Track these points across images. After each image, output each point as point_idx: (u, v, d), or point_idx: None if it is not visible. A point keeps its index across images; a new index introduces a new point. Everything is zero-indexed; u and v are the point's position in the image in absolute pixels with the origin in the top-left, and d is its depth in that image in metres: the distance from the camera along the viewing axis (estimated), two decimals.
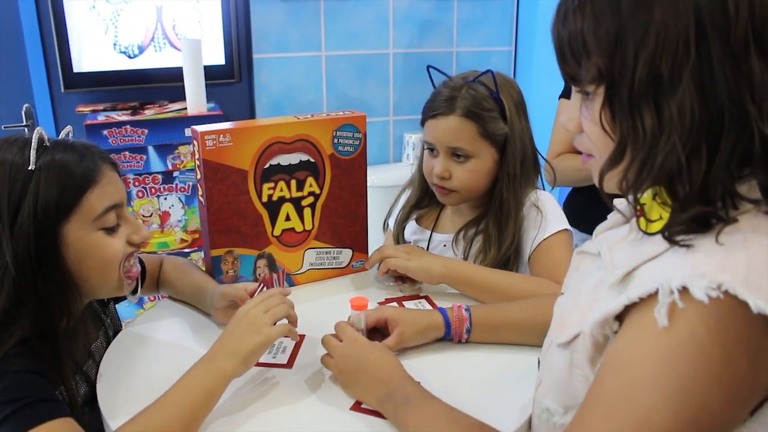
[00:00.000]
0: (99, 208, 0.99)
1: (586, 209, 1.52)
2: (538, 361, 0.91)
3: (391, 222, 1.57)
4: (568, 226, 1.34)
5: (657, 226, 0.68)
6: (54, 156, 0.97)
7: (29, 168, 0.94)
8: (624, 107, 0.66)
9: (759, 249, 0.61)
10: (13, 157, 0.95)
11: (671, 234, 0.65)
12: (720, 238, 0.62)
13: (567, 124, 0.76)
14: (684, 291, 0.60)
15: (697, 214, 0.64)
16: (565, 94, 1.93)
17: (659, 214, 0.69)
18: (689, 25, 0.62)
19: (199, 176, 1.25)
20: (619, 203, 0.90)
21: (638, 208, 0.70)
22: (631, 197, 0.69)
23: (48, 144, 0.98)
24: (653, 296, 0.63)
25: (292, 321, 1.05)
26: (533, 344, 1.11)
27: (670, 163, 0.63)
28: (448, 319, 1.12)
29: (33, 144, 0.95)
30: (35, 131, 0.97)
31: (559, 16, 0.70)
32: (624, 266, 0.69)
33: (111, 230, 1.02)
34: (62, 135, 1.05)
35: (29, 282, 0.93)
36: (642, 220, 0.71)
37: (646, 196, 0.70)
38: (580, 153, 2.00)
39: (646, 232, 0.70)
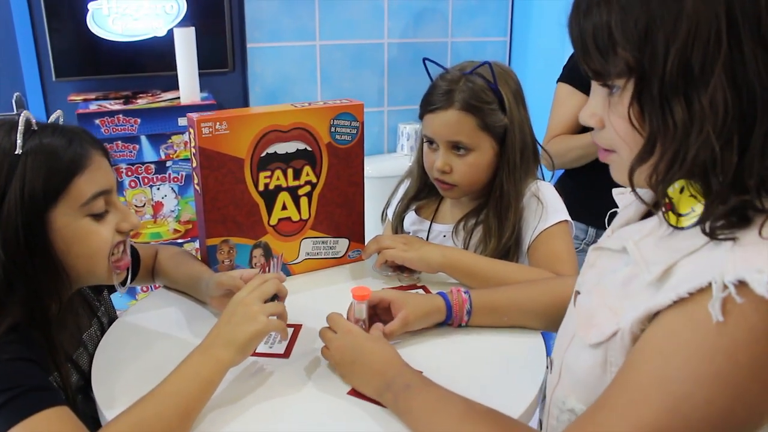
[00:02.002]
0: (87, 193, 0.97)
1: (579, 196, 1.51)
2: (550, 362, 0.89)
3: (390, 213, 1.56)
4: (568, 217, 1.34)
5: (688, 220, 0.67)
6: (42, 140, 0.95)
7: (16, 152, 0.93)
8: (654, 101, 0.64)
9: None
10: (0, 140, 0.93)
11: (712, 228, 0.63)
12: (764, 232, 0.61)
13: (588, 120, 0.74)
14: (740, 285, 0.59)
15: (736, 205, 0.62)
16: (564, 78, 1.93)
17: (690, 207, 0.67)
18: (720, 14, 0.61)
19: (194, 164, 1.24)
20: (620, 194, 0.89)
21: (667, 202, 0.69)
22: (660, 191, 0.68)
23: (35, 128, 0.96)
24: (702, 291, 0.61)
25: (282, 296, 1.05)
26: (532, 326, 1.12)
27: (703, 155, 0.62)
28: (449, 302, 1.11)
29: (20, 128, 0.93)
30: (22, 114, 0.95)
31: (580, 9, 0.69)
32: (661, 263, 0.68)
33: (99, 217, 1.00)
34: (52, 119, 1.03)
35: (19, 266, 0.92)
36: (671, 214, 0.69)
37: (672, 190, 0.69)
38: (575, 133, 1.97)
39: (676, 227, 0.69)
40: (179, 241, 2.53)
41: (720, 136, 0.61)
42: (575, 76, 1.86)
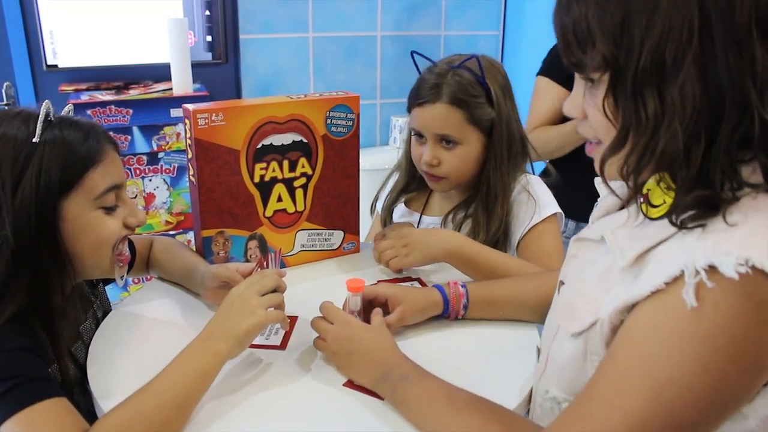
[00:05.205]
0: (100, 187, 0.98)
1: (560, 190, 1.51)
2: (537, 351, 0.91)
3: (379, 206, 1.56)
4: (558, 209, 1.34)
5: (659, 212, 0.69)
6: (60, 131, 0.96)
7: (34, 141, 0.93)
8: (627, 93, 0.66)
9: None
10: (17, 129, 0.94)
11: (680, 219, 0.65)
12: (729, 219, 0.63)
13: (571, 111, 0.76)
14: (711, 270, 0.60)
15: (699, 198, 0.64)
16: (543, 72, 1.96)
17: (662, 199, 0.69)
18: (693, 11, 0.62)
19: (190, 155, 1.23)
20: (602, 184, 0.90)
21: (644, 193, 0.71)
22: (631, 182, 0.69)
23: (53, 119, 0.97)
24: (676, 279, 0.63)
25: (281, 291, 1.05)
26: (528, 320, 1.13)
27: (671, 148, 0.64)
28: (446, 296, 1.12)
29: (40, 117, 0.95)
30: (43, 104, 0.97)
31: (561, 4, 0.70)
32: (633, 249, 0.70)
33: (110, 210, 1.01)
34: (64, 112, 1.04)
35: (28, 255, 0.92)
36: (644, 205, 0.71)
37: (650, 182, 0.70)
38: (554, 124, 1.98)
39: (648, 217, 0.70)
40: (171, 232, 2.52)
41: (687, 130, 0.63)
42: (554, 69, 1.91)
